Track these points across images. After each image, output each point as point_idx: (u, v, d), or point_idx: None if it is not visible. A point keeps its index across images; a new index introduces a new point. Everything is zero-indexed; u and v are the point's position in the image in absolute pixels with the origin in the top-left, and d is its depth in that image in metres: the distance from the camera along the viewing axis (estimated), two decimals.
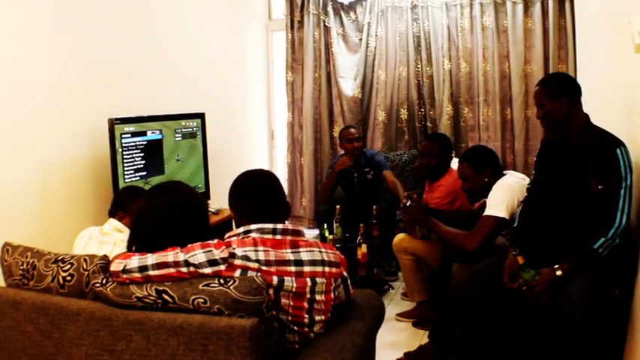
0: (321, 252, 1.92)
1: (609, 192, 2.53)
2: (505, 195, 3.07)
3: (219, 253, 1.75)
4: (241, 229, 1.89)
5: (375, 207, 4.24)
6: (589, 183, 2.61)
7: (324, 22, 5.42)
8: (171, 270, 1.71)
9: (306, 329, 1.86)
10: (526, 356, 2.95)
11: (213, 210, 3.93)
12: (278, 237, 1.87)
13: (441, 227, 3.21)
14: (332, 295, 1.93)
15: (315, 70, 5.47)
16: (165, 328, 1.59)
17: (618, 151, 2.53)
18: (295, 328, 1.83)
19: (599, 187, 2.57)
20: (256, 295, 1.64)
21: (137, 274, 1.73)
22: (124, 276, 1.74)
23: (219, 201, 4.16)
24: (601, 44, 3.61)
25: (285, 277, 1.80)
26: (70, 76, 3.26)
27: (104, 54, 3.51)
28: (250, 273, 1.74)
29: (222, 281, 1.64)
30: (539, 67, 4.81)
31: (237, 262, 1.75)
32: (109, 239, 2.54)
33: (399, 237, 3.78)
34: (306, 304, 1.84)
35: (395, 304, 4.12)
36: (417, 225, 3.58)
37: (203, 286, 1.64)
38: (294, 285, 1.81)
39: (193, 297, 1.63)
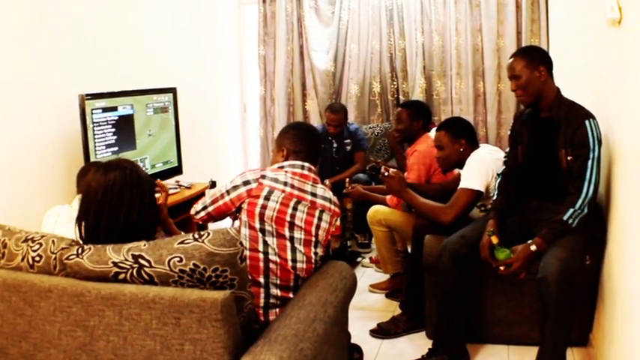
0: (330, 195, 2.45)
1: (577, 163, 2.59)
2: (480, 167, 3.11)
3: (252, 175, 2.25)
4: (275, 166, 2.38)
5: (347, 180, 4.26)
6: (559, 155, 2.66)
7: None
8: (220, 203, 2.25)
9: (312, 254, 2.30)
10: (498, 326, 3.01)
11: (185, 184, 3.90)
12: (305, 172, 2.36)
13: (417, 199, 3.23)
14: (332, 228, 2.42)
15: (287, 43, 5.42)
16: (137, 302, 1.59)
17: (587, 122, 2.57)
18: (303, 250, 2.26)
19: (569, 158, 2.62)
20: (230, 246, 1.66)
21: (203, 213, 2.31)
22: (197, 217, 2.33)
23: (191, 175, 4.14)
24: (574, 18, 3.63)
25: (302, 201, 2.28)
26: (39, 51, 3.18)
27: (73, 29, 3.43)
28: (275, 193, 2.22)
29: (196, 236, 1.65)
30: (512, 41, 4.83)
31: (266, 182, 2.23)
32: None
33: (374, 209, 3.80)
34: (315, 223, 2.31)
35: (368, 276, 4.17)
36: (394, 195, 3.60)
37: (178, 244, 1.64)
38: (307, 209, 2.29)
39: (169, 257, 1.62)
